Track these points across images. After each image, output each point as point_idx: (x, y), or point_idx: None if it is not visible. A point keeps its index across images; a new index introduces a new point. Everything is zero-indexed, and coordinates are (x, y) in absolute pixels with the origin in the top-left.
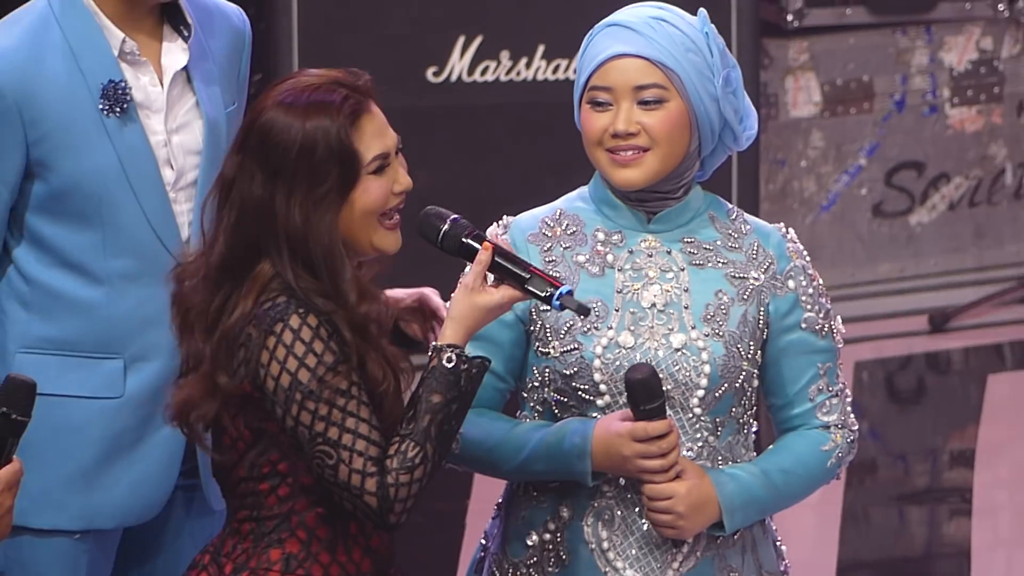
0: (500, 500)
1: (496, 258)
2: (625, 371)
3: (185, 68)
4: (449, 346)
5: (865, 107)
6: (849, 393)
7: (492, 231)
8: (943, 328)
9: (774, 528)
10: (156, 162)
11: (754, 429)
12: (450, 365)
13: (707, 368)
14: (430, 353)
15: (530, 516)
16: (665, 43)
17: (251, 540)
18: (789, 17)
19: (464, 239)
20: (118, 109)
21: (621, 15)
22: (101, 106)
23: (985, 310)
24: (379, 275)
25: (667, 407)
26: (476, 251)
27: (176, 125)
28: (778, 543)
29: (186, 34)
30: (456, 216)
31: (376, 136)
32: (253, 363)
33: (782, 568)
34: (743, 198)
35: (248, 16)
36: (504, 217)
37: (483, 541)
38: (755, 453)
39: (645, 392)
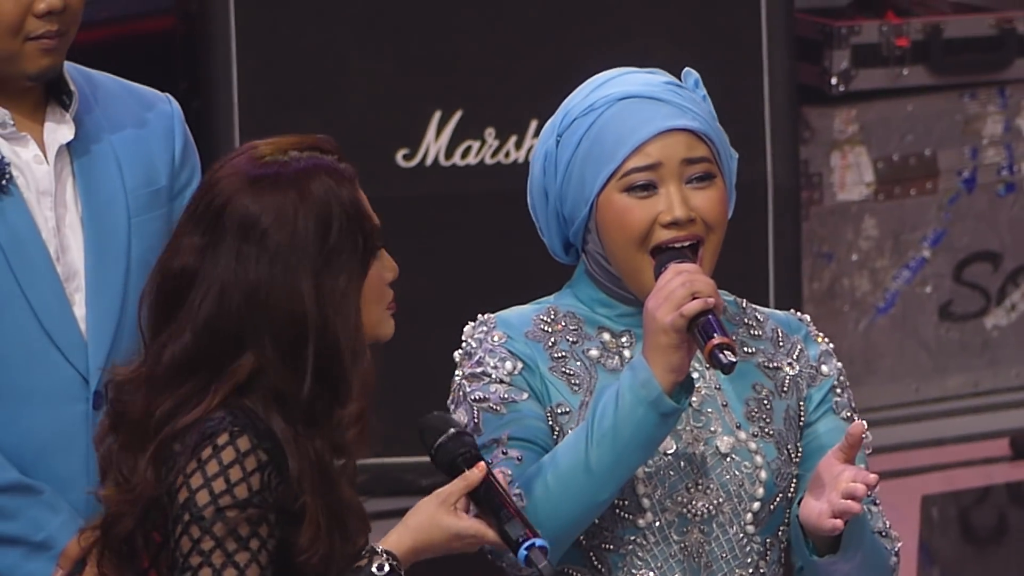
0: None
1: (483, 486)
2: (671, 484)
3: (70, 144)
4: (388, 553)
5: (928, 187)
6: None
7: (472, 331)
8: None
9: None
10: (47, 252)
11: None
12: (380, 575)
13: (763, 474)
14: (363, 552)
15: None
16: (700, 112)
17: None
18: (834, 80)
19: (457, 461)
20: None
21: (633, 86)
22: None
23: None
24: None
25: (714, 527)
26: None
27: (66, 209)
28: None
29: (68, 102)
30: (463, 431)
31: (367, 205)
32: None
33: None
34: (782, 300)
35: (181, 89)
36: (483, 315)
37: None
38: None
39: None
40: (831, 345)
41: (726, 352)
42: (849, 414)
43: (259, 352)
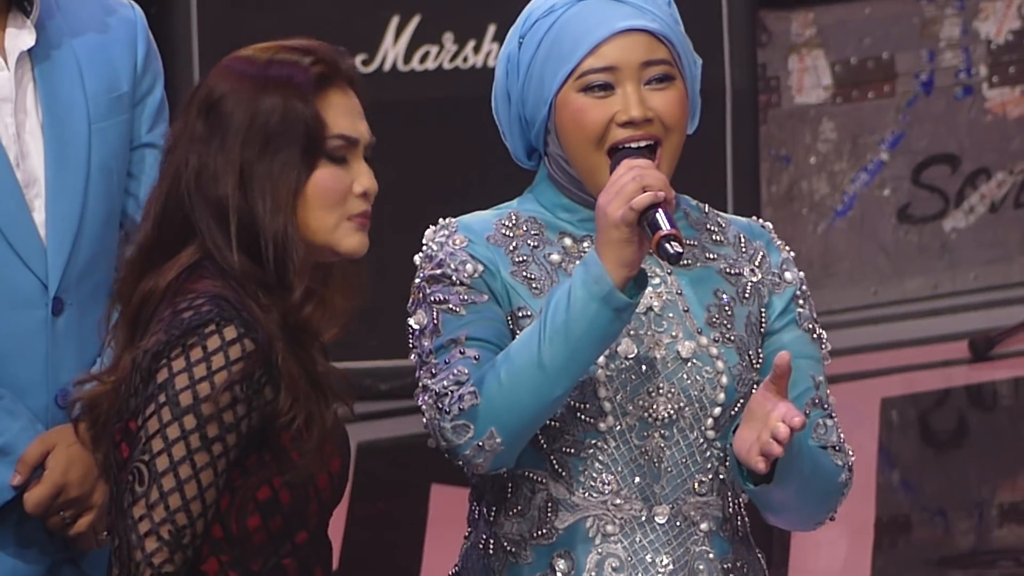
0: (455, 569)
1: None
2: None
3: (31, 51)
4: None
5: (885, 90)
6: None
7: (433, 234)
8: (986, 356)
9: None
10: (7, 158)
11: None
12: None
13: (724, 379)
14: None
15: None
16: (661, 14)
17: None
18: None
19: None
20: None
21: None
22: None
23: None
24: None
25: (675, 431)
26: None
27: (27, 116)
28: None
29: (29, 8)
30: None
31: (345, 114)
32: (146, 388)
33: None
34: (740, 203)
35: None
36: (444, 219)
37: None
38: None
39: None
40: (792, 254)
41: (673, 243)
42: (811, 325)
43: (207, 238)
